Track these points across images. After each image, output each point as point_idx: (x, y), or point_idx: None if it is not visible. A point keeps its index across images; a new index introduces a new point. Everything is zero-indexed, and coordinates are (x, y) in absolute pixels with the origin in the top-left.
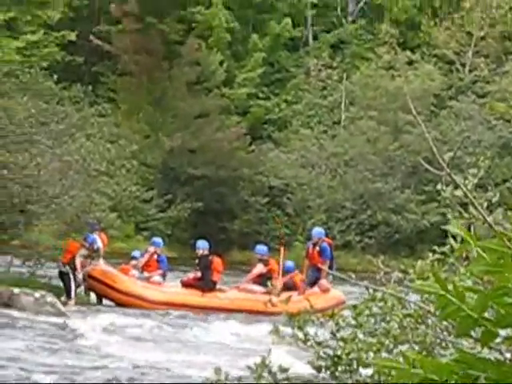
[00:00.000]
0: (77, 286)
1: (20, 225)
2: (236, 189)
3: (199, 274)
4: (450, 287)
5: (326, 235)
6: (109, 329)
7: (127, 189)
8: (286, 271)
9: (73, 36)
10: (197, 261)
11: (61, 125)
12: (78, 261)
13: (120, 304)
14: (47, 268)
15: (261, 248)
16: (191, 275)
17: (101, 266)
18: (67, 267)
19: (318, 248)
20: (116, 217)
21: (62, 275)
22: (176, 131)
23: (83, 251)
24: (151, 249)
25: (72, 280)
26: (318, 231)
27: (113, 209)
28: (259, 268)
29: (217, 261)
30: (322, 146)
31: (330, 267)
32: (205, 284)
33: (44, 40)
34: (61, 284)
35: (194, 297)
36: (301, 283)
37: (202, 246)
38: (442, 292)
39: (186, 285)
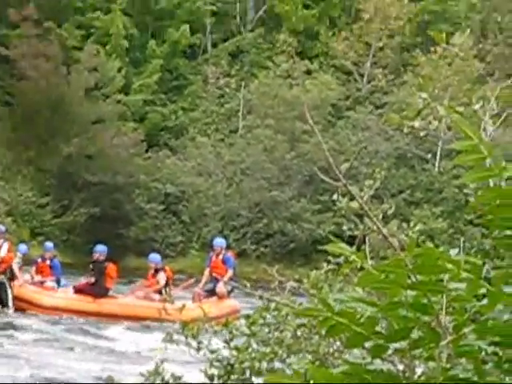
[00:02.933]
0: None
1: None
2: (132, 195)
3: (92, 280)
4: (342, 296)
5: (228, 246)
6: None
7: (23, 194)
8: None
9: None
10: (91, 266)
11: None
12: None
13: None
14: None
15: (154, 256)
16: (84, 280)
17: None
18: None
19: (221, 257)
20: (11, 221)
21: None
22: (73, 137)
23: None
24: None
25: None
26: (220, 241)
27: (8, 213)
28: (162, 277)
29: (111, 267)
30: (218, 154)
31: (231, 278)
32: (97, 290)
33: None
34: None
35: (85, 303)
36: (196, 291)
37: (100, 249)
38: (328, 314)
39: (78, 290)
